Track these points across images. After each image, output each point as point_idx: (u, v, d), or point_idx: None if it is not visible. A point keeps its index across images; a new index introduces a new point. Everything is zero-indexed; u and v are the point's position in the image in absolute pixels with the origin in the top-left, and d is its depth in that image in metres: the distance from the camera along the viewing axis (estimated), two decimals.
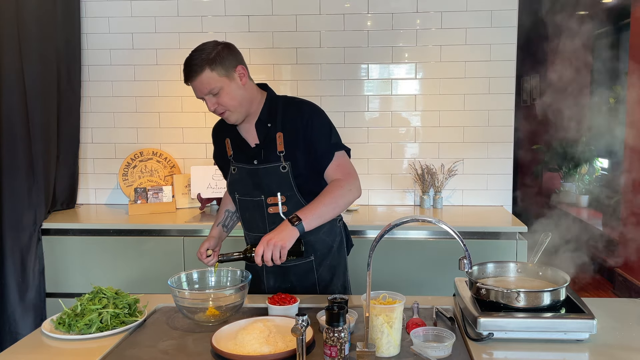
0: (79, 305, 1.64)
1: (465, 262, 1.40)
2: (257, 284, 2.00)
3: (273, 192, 1.86)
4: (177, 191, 3.37)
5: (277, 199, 1.86)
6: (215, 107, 1.80)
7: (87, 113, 3.48)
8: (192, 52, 1.80)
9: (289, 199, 1.86)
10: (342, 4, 3.32)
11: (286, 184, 1.86)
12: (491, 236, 2.84)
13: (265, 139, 1.87)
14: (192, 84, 1.78)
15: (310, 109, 1.88)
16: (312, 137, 1.84)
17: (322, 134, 1.85)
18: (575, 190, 6.08)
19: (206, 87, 1.76)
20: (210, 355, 1.45)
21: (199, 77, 1.75)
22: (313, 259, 1.94)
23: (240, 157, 1.92)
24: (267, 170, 1.86)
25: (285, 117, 1.87)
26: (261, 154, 1.87)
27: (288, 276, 1.95)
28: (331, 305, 1.35)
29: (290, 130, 1.85)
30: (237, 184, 1.94)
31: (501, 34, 3.27)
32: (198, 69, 1.74)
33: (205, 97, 1.79)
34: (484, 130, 3.35)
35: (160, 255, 2.93)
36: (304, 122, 1.84)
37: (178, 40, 3.40)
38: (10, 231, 2.87)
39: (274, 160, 1.85)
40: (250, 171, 1.89)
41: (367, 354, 1.35)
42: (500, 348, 1.47)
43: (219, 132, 2.02)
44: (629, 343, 1.51)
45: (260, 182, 1.88)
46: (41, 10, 3.01)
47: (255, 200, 1.90)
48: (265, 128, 1.87)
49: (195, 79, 1.75)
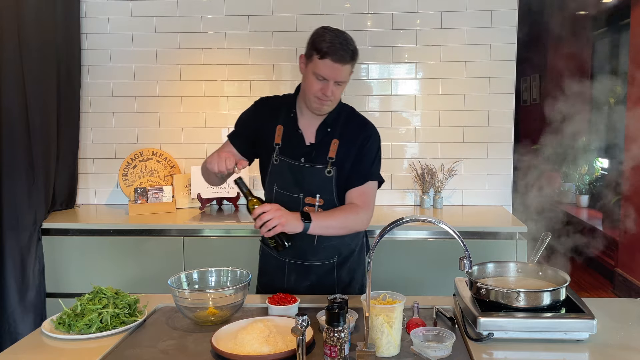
0: (79, 305, 1.64)
1: (465, 262, 1.41)
2: (278, 279, 1.99)
3: (313, 193, 1.89)
4: (177, 191, 3.37)
5: (315, 200, 1.89)
6: (331, 95, 1.79)
7: (87, 113, 3.48)
8: (342, 34, 1.78)
9: (326, 202, 1.89)
10: (342, 4, 3.32)
11: (327, 189, 1.89)
12: (491, 236, 2.84)
13: (321, 142, 1.89)
14: (335, 65, 1.76)
15: (373, 129, 1.94)
16: (362, 156, 1.90)
17: (369, 158, 1.92)
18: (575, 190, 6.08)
19: (342, 76, 1.78)
20: (210, 355, 1.45)
21: (347, 65, 1.77)
22: (335, 261, 1.97)
23: (288, 151, 1.90)
24: (313, 170, 1.88)
25: (346, 127, 1.91)
26: (312, 154, 1.89)
27: (309, 275, 1.96)
28: (331, 305, 1.35)
29: (348, 141, 1.89)
30: (278, 176, 1.92)
31: (501, 34, 3.27)
32: (350, 58, 1.77)
33: (331, 82, 1.78)
34: (484, 130, 3.35)
35: (160, 255, 2.93)
36: (363, 140, 1.90)
37: (178, 40, 3.40)
38: (10, 231, 2.86)
39: (322, 163, 1.88)
40: (294, 167, 1.89)
41: (367, 354, 1.35)
42: (500, 348, 1.47)
43: (269, 115, 1.95)
44: (629, 343, 1.51)
45: (302, 180, 1.89)
46: (41, 10, 3.01)
47: (293, 197, 1.90)
48: (325, 131, 1.90)
49: (343, 64, 1.76)
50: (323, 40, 1.75)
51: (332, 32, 1.77)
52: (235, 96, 3.43)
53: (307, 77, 1.81)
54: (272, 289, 1.95)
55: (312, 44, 1.78)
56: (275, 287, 1.98)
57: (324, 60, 1.75)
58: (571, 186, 6.14)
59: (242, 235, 2.95)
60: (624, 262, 4.51)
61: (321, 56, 1.75)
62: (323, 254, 1.94)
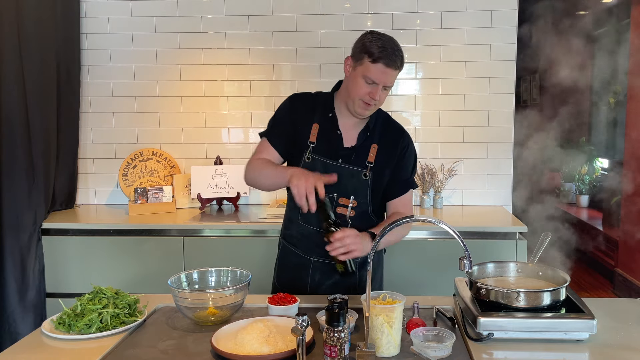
0: (79, 305, 1.64)
1: (465, 262, 1.40)
2: (302, 278, 1.98)
3: (347, 194, 1.89)
4: (177, 191, 3.37)
5: (349, 202, 1.89)
6: (378, 98, 1.80)
7: (87, 113, 3.48)
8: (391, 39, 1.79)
9: (359, 205, 1.90)
10: (342, 4, 3.31)
11: (362, 192, 1.90)
12: (491, 236, 2.84)
13: (362, 145, 1.90)
14: (386, 70, 1.76)
15: (409, 137, 1.98)
16: (403, 164, 1.93)
17: (409, 166, 1.96)
18: (575, 190, 6.08)
19: (391, 81, 1.80)
20: (210, 355, 1.44)
21: (397, 71, 1.79)
22: (359, 260, 1.96)
23: (323, 150, 1.89)
24: (351, 172, 1.88)
25: (385, 133, 1.93)
26: (352, 156, 1.89)
27: (333, 274, 1.95)
28: (331, 305, 1.35)
29: (387, 147, 1.91)
30: None
31: (501, 34, 3.27)
32: (400, 64, 1.78)
33: (380, 86, 1.78)
34: (484, 130, 3.35)
35: (160, 255, 2.93)
36: (403, 148, 1.94)
37: (178, 40, 3.40)
38: (10, 231, 2.86)
39: (360, 166, 1.89)
40: (330, 167, 1.88)
41: (367, 354, 1.36)
42: (500, 348, 1.47)
43: (304, 111, 1.94)
44: (629, 343, 1.51)
45: (338, 181, 1.86)
46: (41, 10, 3.01)
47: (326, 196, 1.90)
48: (365, 135, 1.91)
49: (394, 69, 1.77)
50: (375, 44, 1.75)
51: (384, 37, 1.78)
52: (235, 96, 3.43)
53: (355, 80, 1.80)
54: (294, 287, 1.95)
55: (362, 47, 1.77)
56: (297, 285, 1.97)
57: (376, 64, 1.75)
58: (571, 186, 6.14)
59: (242, 235, 2.95)
60: (624, 262, 4.51)
61: (373, 60, 1.75)
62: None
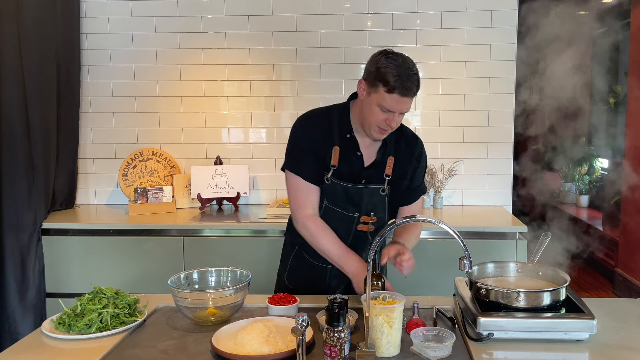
0: (79, 305, 1.64)
1: (465, 262, 1.41)
2: (319, 283, 1.97)
3: (368, 212, 1.89)
4: (177, 191, 3.37)
5: (370, 219, 1.89)
6: (395, 125, 1.77)
7: (87, 113, 3.48)
8: (407, 62, 1.71)
9: (378, 219, 1.90)
10: (342, 4, 3.32)
11: (381, 206, 1.90)
12: (491, 236, 2.84)
13: (380, 160, 1.87)
14: (402, 99, 1.70)
15: (422, 144, 1.96)
16: (417, 171, 1.94)
17: (422, 173, 1.97)
18: (575, 190, 6.08)
19: (407, 108, 1.75)
20: (210, 355, 1.45)
21: (412, 99, 1.74)
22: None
23: (346, 173, 1.84)
24: (370, 190, 1.87)
25: (399, 143, 1.89)
26: (373, 175, 1.87)
27: (346, 278, 1.93)
28: (331, 305, 1.35)
29: (403, 157, 1.89)
30: (329, 194, 1.88)
31: (501, 34, 3.27)
32: (415, 91, 1.73)
33: (396, 113, 1.74)
34: (484, 130, 3.35)
35: (160, 255, 2.93)
36: (417, 155, 1.93)
37: (178, 40, 3.40)
38: (10, 231, 2.86)
39: (380, 182, 1.88)
40: (350, 190, 1.85)
41: (367, 354, 1.36)
42: (500, 348, 1.47)
43: (322, 133, 1.85)
44: (629, 343, 1.51)
45: (359, 202, 1.87)
46: (41, 10, 3.01)
47: (347, 215, 1.89)
48: (383, 150, 1.88)
49: (409, 97, 1.72)
50: (391, 72, 1.67)
51: (398, 61, 1.69)
52: (235, 96, 3.43)
53: (371, 107, 1.74)
54: (308, 289, 1.94)
55: (377, 74, 1.69)
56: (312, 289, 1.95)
57: (391, 94, 1.69)
58: (571, 186, 6.14)
59: (242, 235, 2.95)
60: (624, 262, 4.51)
61: (388, 90, 1.68)
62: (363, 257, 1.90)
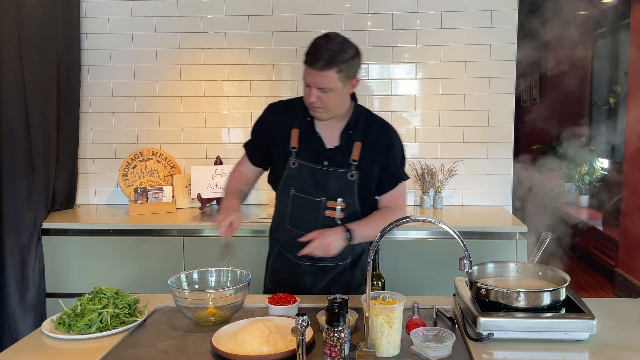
0: (79, 305, 1.64)
1: (465, 262, 1.40)
2: (293, 281, 1.98)
3: (335, 197, 1.88)
4: (177, 191, 3.37)
5: (337, 204, 1.88)
6: (315, 100, 1.77)
7: (87, 113, 3.48)
8: (328, 39, 1.74)
9: (348, 206, 1.89)
10: (342, 4, 3.31)
11: (349, 192, 1.89)
12: (491, 236, 2.84)
13: (345, 145, 1.88)
14: (311, 72, 1.74)
15: (395, 132, 1.96)
16: (390, 159, 1.92)
17: (396, 161, 1.95)
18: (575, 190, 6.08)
19: (322, 83, 1.74)
20: (210, 355, 1.45)
21: (324, 72, 1.72)
22: (350, 260, 1.97)
23: (307, 155, 1.89)
24: (337, 174, 1.87)
25: (368, 130, 1.91)
26: (336, 157, 1.88)
27: (325, 276, 1.96)
28: (331, 305, 1.35)
29: (371, 144, 1.89)
30: (296, 179, 1.91)
31: (501, 34, 3.27)
32: (327, 65, 1.72)
33: (312, 88, 1.76)
34: (484, 130, 3.35)
35: (160, 255, 2.93)
36: (389, 142, 1.92)
37: (178, 40, 3.40)
38: (10, 231, 2.86)
39: (345, 166, 1.88)
40: (316, 171, 1.88)
41: (367, 354, 1.36)
42: (500, 348, 1.47)
43: (282, 118, 1.94)
44: (629, 343, 1.51)
45: (325, 184, 1.88)
46: (41, 10, 3.01)
47: (314, 200, 1.89)
48: (347, 134, 1.89)
49: (319, 70, 1.72)
50: (310, 46, 1.76)
51: (320, 39, 1.76)
52: (235, 96, 3.43)
53: None
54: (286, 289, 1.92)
55: None
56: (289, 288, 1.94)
57: (305, 67, 1.76)
58: (571, 186, 6.14)
59: (242, 235, 2.95)
60: (624, 262, 4.51)
61: (304, 62, 1.77)
62: (339, 255, 1.90)
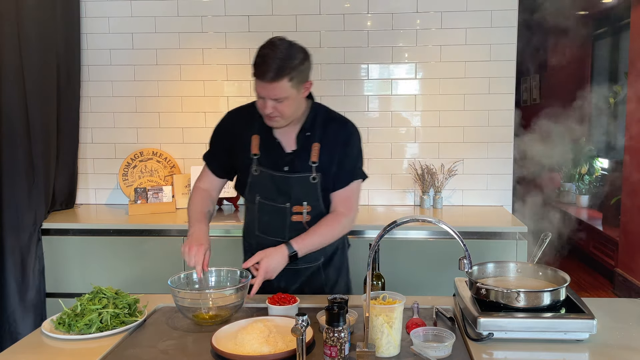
0: (79, 305, 1.64)
1: (465, 262, 1.41)
2: (268, 285, 1.94)
3: (299, 201, 1.86)
4: (177, 191, 3.37)
5: (303, 208, 1.86)
6: (271, 111, 1.72)
7: (87, 113, 3.48)
8: (274, 48, 1.68)
9: (313, 208, 1.87)
10: (342, 4, 3.31)
11: (313, 195, 1.86)
12: (491, 236, 2.84)
13: (302, 147, 1.85)
14: (262, 84, 1.68)
15: (352, 127, 1.91)
16: (346, 154, 1.87)
17: (352, 157, 1.89)
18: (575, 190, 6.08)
19: (275, 94, 1.68)
20: (210, 355, 1.45)
21: (275, 83, 1.66)
22: (322, 261, 1.96)
23: (268, 161, 1.86)
24: (298, 179, 1.84)
25: (326, 130, 1.86)
26: (294, 161, 1.85)
27: (298, 278, 1.95)
28: (331, 305, 1.35)
29: (329, 143, 1.85)
30: (259, 187, 1.88)
31: (501, 34, 3.27)
32: (277, 75, 1.65)
33: (267, 100, 1.70)
34: (484, 130, 3.35)
35: (160, 255, 2.93)
36: (345, 138, 1.87)
37: (178, 40, 3.40)
38: (10, 231, 2.86)
39: (306, 169, 1.84)
40: (277, 177, 1.85)
41: (367, 354, 1.35)
42: (500, 348, 1.47)
43: (241, 125, 1.89)
44: (629, 343, 1.51)
45: (288, 190, 1.85)
46: (41, 10, 3.01)
47: (279, 207, 1.87)
48: (304, 136, 1.86)
49: (270, 82, 1.66)
50: (256, 57, 1.69)
51: (265, 49, 1.69)
52: (235, 96, 3.43)
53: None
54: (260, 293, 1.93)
55: None
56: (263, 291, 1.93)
57: (255, 79, 1.70)
58: (571, 186, 6.14)
59: (242, 236, 2.94)
60: (624, 262, 4.51)
61: (253, 74, 1.70)
62: (310, 256, 1.89)
